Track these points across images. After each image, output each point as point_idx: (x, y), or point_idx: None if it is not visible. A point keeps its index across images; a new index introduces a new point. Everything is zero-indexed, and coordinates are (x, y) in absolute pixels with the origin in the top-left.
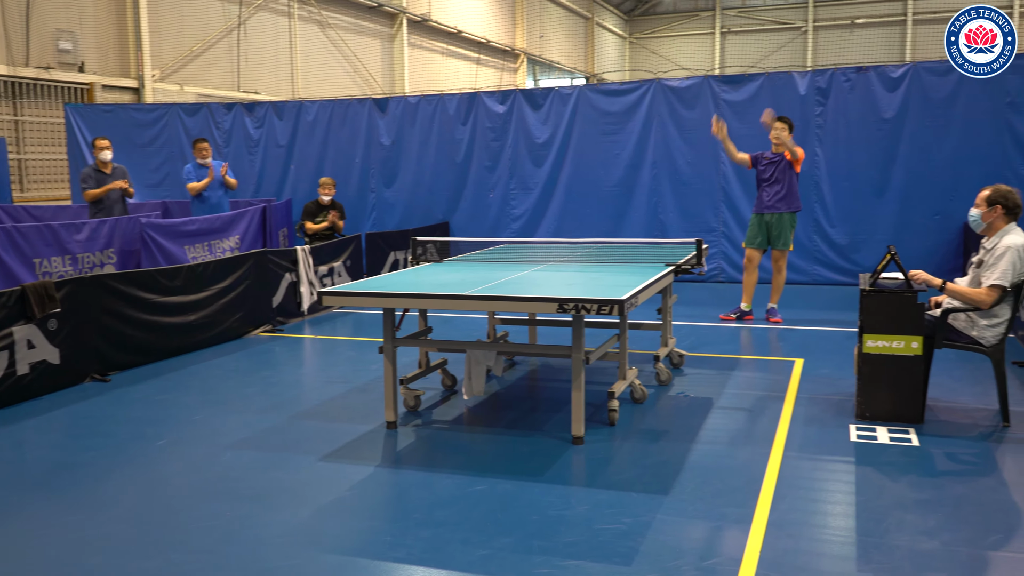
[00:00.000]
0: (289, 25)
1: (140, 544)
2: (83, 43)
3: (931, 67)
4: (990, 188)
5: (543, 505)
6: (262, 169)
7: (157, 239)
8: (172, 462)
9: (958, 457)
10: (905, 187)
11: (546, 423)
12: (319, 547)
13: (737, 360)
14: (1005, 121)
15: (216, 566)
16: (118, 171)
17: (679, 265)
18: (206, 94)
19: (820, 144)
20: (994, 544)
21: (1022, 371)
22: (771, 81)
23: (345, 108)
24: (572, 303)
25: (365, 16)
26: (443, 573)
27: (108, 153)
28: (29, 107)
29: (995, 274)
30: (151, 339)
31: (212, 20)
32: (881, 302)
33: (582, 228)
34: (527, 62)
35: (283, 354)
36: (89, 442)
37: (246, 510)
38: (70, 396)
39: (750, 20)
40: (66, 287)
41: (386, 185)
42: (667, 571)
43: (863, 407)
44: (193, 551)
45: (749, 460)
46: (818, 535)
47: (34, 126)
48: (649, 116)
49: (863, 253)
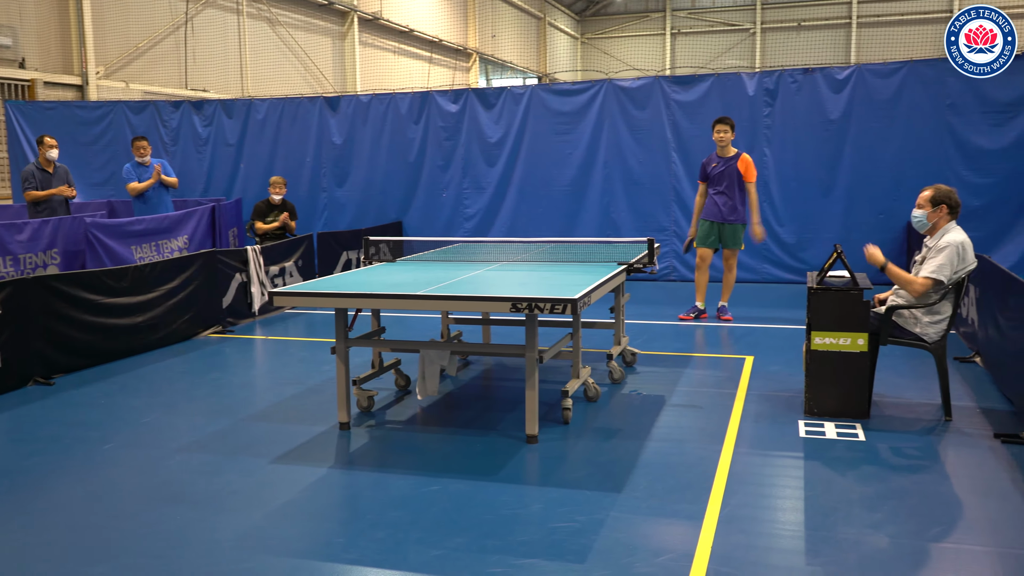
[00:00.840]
0: (238, 22)
1: (88, 550)
2: (24, 38)
3: (875, 69)
4: (931, 188)
5: (497, 504)
6: (211, 168)
7: (102, 239)
8: (119, 466)
9: (903, 451)
10: (851, 187)
11: (500, 422)
12: (272, 550)
13: (689, 358)
14: (946, 123)
15: (168, 571)
16: (60, 170)
17: (631, 264)
18: (153, 92)
19: (768, 144)
20: (937, 536)
21: (964, 367)
22: (721, 82)
23: (296, 107)
24: (525, 302)
25: (315, 14)
26: (398, 574)
27: (55, 152)
28: None
29: (930, 267)
30: (97, 341)
31: (158, 16)
32: (828, 300)
33: (535, 227)
34: (479, 61)
35: (233, 355)
36: (32, 447)
37: (197, 514)
38: (12, 400)
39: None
40: (6, 288)
41: (338, 184)
42: (621, 568)
43: (811, 403)
44: (143, 556)
45: (701, 457)
46: (768, 530)
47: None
48: (601, 116)
49: (811, 251)
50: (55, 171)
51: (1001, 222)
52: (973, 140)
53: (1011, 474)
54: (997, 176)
